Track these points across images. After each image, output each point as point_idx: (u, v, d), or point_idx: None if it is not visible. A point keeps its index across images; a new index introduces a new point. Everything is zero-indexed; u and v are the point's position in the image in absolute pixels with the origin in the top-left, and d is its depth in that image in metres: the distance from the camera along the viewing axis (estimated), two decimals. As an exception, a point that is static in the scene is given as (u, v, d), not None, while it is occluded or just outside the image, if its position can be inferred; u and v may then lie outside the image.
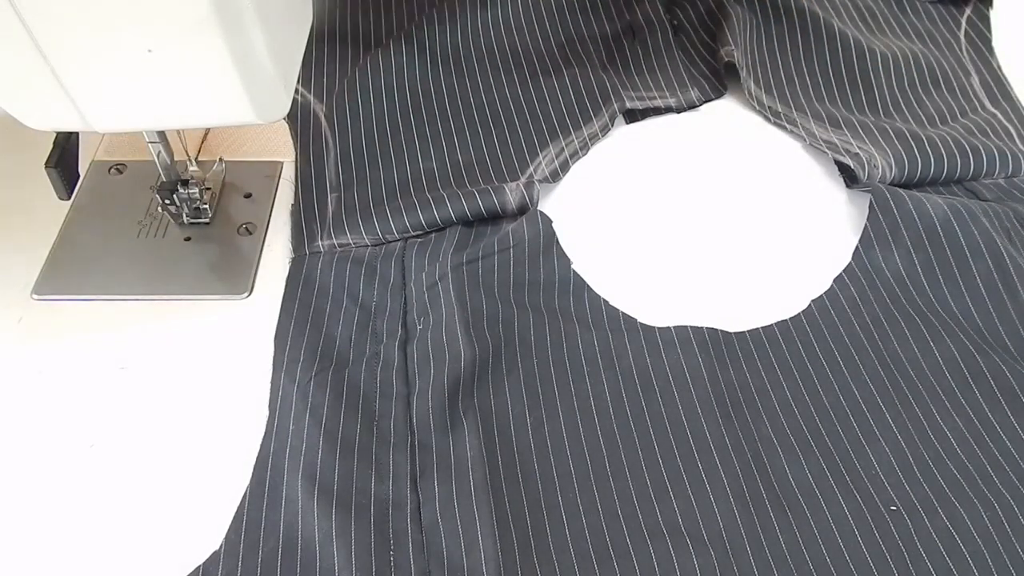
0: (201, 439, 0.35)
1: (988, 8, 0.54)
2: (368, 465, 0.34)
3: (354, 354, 0.37)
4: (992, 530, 0.32)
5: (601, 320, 0.39)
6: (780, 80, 0.50)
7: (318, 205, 0.42)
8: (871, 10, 0.55)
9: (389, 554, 0.31)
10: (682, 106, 0.49)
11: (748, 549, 0.32)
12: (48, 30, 0.29)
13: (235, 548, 0.31)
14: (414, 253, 0.40)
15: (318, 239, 0.41)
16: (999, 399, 0.36)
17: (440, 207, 0.42)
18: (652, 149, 0.48)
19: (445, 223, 0.42)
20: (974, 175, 0.43)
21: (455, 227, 0.41)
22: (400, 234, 0.42)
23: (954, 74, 0.51)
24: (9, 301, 0.39)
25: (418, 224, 0.42)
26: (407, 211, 0.42)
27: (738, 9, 0.52)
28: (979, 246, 0.39)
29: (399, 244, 0.41)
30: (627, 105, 0.49)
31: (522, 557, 0.31)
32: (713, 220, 0.44)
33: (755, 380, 0.37)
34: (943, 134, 0.43)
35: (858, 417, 0.36)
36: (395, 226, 0.42)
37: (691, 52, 0.52)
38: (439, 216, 0.42)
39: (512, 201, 0.42)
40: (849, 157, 0.44)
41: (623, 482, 0.34)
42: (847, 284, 0.40)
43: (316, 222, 0.42)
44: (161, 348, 0.38)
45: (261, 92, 0.32)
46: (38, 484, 0.34)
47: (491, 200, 0.42)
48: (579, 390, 0.36)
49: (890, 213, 0.41)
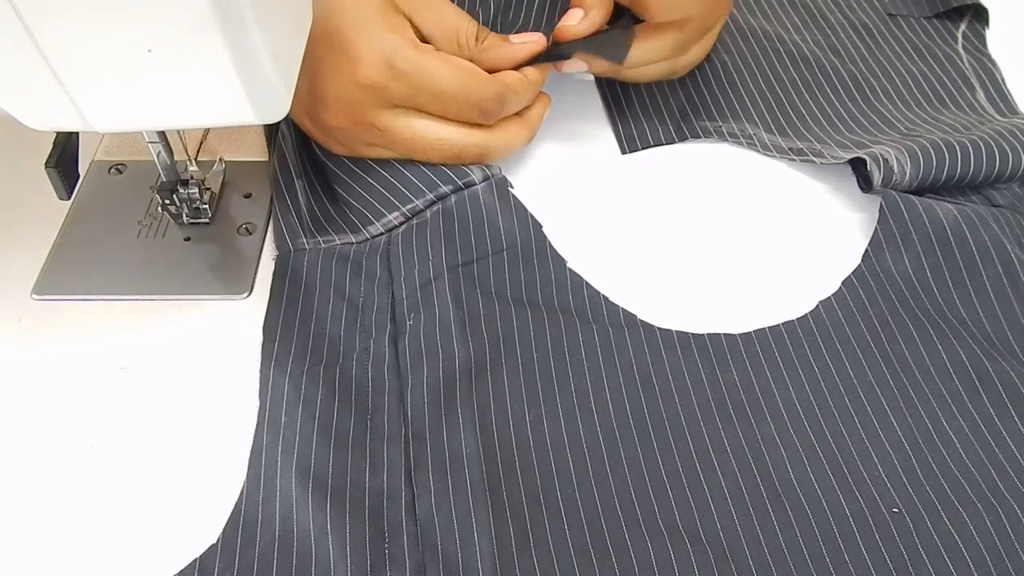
0: (200, 438, 0.35)
1: (984, 27, 0.54)
2: (362, 458, 0.34)
3: (344, 349, 0.37)
4: (995, 535, 0.32)
5: (601, 315, 0.39)
6: (792, 121, 0.49)
7: (288, 194, 0.42)
8: (867, 27, 0.55)
9: (384, 547, 0.31)
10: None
11: (746, 548, 0.32)
12: (48, 30, 0.29)
13: (232, 542, 0.31)
14: (400, 249, 0.40)
15: (300, 236, 0.41)
16: (1006, 404, 0.35)
17: (403, 178, 0.41)
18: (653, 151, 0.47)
19: (415, 195, 0.41)
20: (996, 177, 0.43)
21: (436, 216, 0.41)
22: (376, 219, 0.41)
23: (958, 90, 0.50)
24: (9, 301, 0.39)
25: (390, 203, 0.41)
26: (372, 194, 0.41)
27: (726, 58, 0.52)
28: (989, 251, 0.39)
29: (383, 239, 0.41)
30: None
31: (519, 552, 0.31)
32: (720, 221, 0.44)
33: (759, 380, 0.37)
34: (961, 139, 0.43)
35: (863, 418, 0.35)
36: (370, 213, 0.41)
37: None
38: (409, 190, 0.41)
39: (472, 167, 0.42)
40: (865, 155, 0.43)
41: (622, 479, 0.34)
42: (855, 286, 0.40)
43: (292, 214, 0.42)
44: (161, 348, 0.38)
45: (261, 92, 0.32)
46: (38, 484, 0.34)
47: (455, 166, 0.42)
48: (579, 386, 0.36)
49: (900, 217, 0.41)
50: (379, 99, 0.39)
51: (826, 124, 0.49)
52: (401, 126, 0.40)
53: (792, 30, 0.55)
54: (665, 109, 0.49)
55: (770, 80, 0.51)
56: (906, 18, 0.55)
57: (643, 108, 0.49)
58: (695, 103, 0.49)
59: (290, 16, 0.34)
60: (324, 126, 0.41)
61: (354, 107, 0.39)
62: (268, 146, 0.46)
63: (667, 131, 0.48)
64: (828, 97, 0.50)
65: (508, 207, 0.42)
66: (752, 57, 0.52)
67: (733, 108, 0.49)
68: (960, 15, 0.55)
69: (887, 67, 0.52)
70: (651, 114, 0.49)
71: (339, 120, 0.40)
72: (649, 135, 0.48)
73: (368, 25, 0.38)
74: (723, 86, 0.50)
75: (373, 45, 0.38)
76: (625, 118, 0.49)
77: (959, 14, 0.55)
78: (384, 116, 0.40)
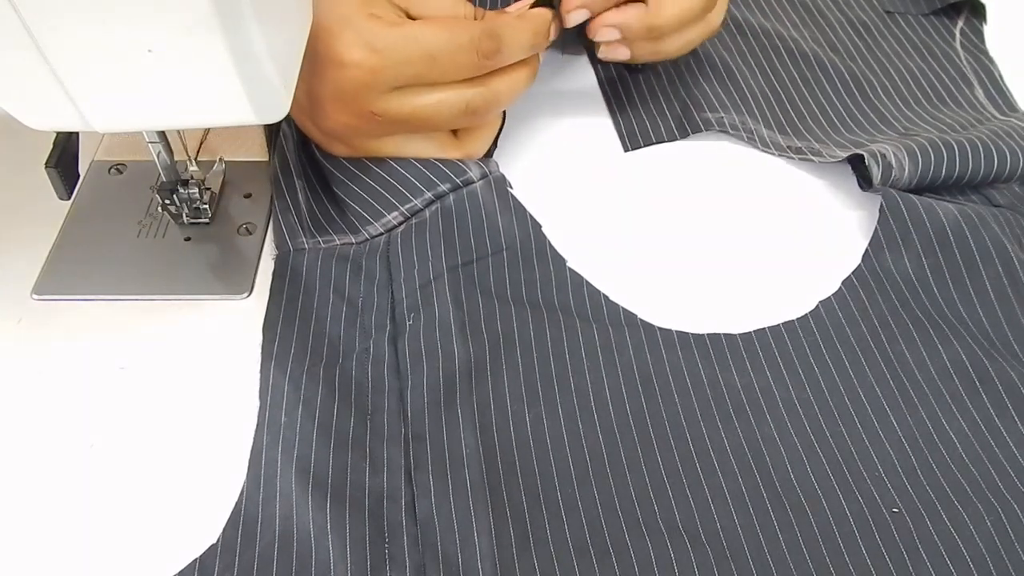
0: (200, 438, 0.35)
1: (982, 24, 0.54)
2: (362, 458, 0.34)
3: (344, 349, 0.37)
4: (995, 535, 0.32)
5: (601, 314, 0.39)
6: (792, 119, 0.49)
7: (289, 194, 0.42)
8: (865, 24, 0.55)
9: (384, 547, 0.31)
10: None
11: (746, 548, 0.32)
12: (48, 30, 0.29)
13: (232, 543, 0.31)
14: (399, 249, 0.40)
15: (300, 236, 0.41)
16: (1006, 404, 0.35)
17: (402, 178, 0.41)
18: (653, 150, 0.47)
19: (414, 194, 0.41)
20: (996, 176, 0.43)
21: (435, 215, 0.41)
22: (375, 219, 0.41)
23: (957, 88, 0.50)
24: (9, 301, 0.39)
25: (389, 204, 0.41)
26: (371, 194, 0.41)
27: (726, 56, 0.52)
28: (989, 251, 0.39)
29: (382, 239, 0.41)
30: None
31: (519, 552, 0.31)
32: (721, 220, 0.44)
33: (759, 379, 0.37)
34: (960, 138, 0.43)
35: (863, 418, 0.35)
36: (369, 214, 0.41)
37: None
38: (407, 189, 0.41)
39: (470, 165, 0.42)
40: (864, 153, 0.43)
41: (622, 479, 0.34)
42: (856, 286, 0.40)
43: (292, 214, 0.42)
44: (161, 348, 0.38)
45: (261, 92, 0.32)
46: (38, 484, 0.34)
47: (452, 161, 0.42)
48: (579, 386, 0.36)
49: (900, 216, 0.41)
50: (372, 87, 0.38)
51: (824, 121, 0.49)
52: (398, 105, 0.39)
53: (791, 27, 0.55)
54: (666, 106, 0.49)
55: (769, 77, 0.51)
56: (904, 15, 0.56)
57: (644, 105, 0.49)
58: (697, 100, 0.49)
59: (290, 16, 0.34)
60: (326, 128, 0.41)
61: (349, 102, 0.39)
62: (268, 146, 0.46)
63: (669, 128, 0.48)
64: (827, 94, 0.50)
65: (507, 207, 0.42)
66: (751, 54, 0.52)
67: (735, 103, 0.49)
68: (957, 12, 0.55)
69: (885, 64, 0.52)
70: (652, 111, 0.49)
71: (339, 118, 0.40)
72: (651, 132, 0.48)
73: (347, 18, 0.38)
74: (723, 83, 0.50)
75: (352, 36, 0.38)
76: (627, 115, 0.49)
77: (956, 11, 0.55)
78: (380, 101, 0.39)
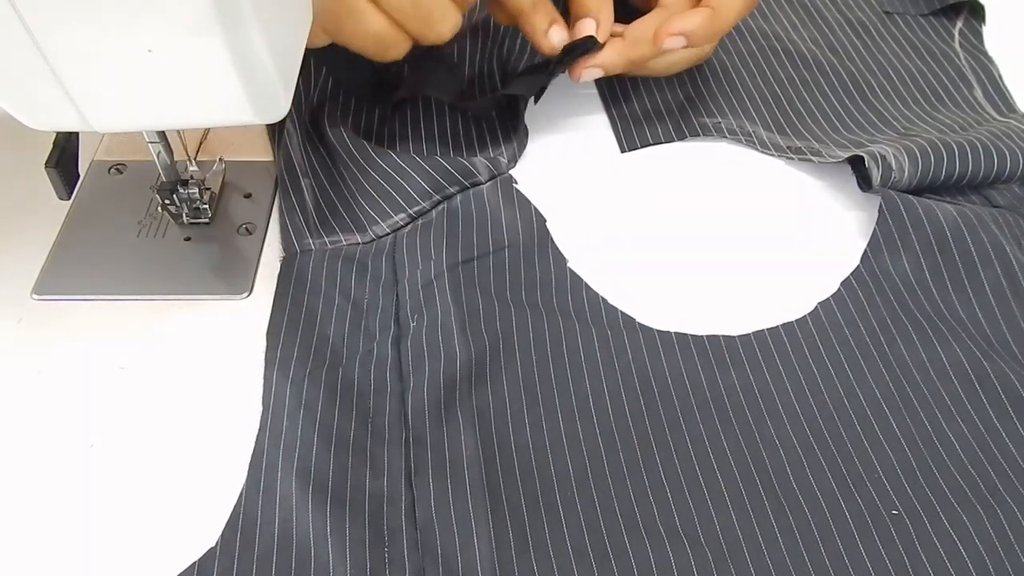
0: (200, 439, 0.35)
1: (980, 24, 0.54)
2: (363, 461, 0.34)
3: (347, 352, 0.37)
4: (995, 537, 0.32)
5: (600, 317, 0.39)
6: (791, 119, 0.49)
7: (295, 194, 0.42)
8: (864, 25, 0.55)
9: (384, 550, 0.31)
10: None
11: (746, 551, 0.32)
12: (48, 30, 0.29)
13: (231, 545, 0.31)
14: (404, 250, 0.40)
15: (307, 236, 0.41)
16: (1005, 405, 0.35)
17: (410, 180, 0.42)
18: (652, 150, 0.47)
19: (421, 197, 0.42)
20: (995, 177, 0.43)
21: (440, 215, 0.41)
22: (382, 219, 0.41)
23: (956, 88, 0.50)
24: (9, 301, 0.39)
25: (397, 205, 0.41)
26: (380, 193, 0.42)
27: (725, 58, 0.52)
28: (988, 253, 0.39)
29: (389, 240, 0.41)
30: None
31: (519, 555, 0.31)
32: (719, 221, 0.44)
33: (758, 381, 0.37)
34: (959, 139, 0.43)
35: (862, 420, 0.35)
36: (376, 214, 0.41)
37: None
38: (416, 192, 0.41)
39: (479, 169, 0.42)
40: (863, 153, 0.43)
41: (621, 481, 0.34)
42: (854, 287, 0.40)
43: (298, 214, 0.42)
44: (161, 348, 0.38)
45: (260, 92, 0.32)
46: (37, 484, 0.34)
47: (460, 164, 0.42)
48: (578, 388, 0.36)
49: (899, 218, 0.41)
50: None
51: (823, 122, 0.49)
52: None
53: (789, 28, 0.55)
54: (664, 107, 0.49)
55: (768, 78, 0.51)
56: (903, 15, 0.56)
57: (642, 107, 0.49)
58: (694, 101, 0.49)
59: (290, 16, 0.34)
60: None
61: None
62: (271, 146, 0.46)
63: (666, 129, 0.48)
64: (826, 94, 0.50)
65: (511, 203, 0.42)
66: (750, 55, 0.52)
67: (732, 105, 0.49)
68: (956, 12, 0.55)
69: (884, 65, 0.52)
70: (650, 113, 0.49)
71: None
72: (648, 134, 0.48)
73: None
74: (721, 84, 0.50)
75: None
76: (624, 117, 0.49)
77: (955, 11, 0.55)
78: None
